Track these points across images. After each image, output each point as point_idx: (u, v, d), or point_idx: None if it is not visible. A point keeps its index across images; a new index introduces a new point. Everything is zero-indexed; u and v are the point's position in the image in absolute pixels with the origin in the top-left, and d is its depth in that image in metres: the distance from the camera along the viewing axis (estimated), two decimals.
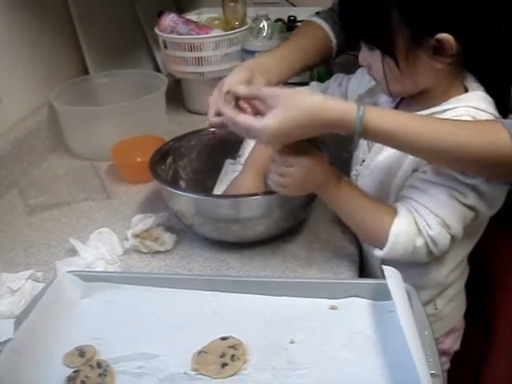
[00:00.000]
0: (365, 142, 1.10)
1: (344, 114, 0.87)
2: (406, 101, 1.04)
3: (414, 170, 0.97)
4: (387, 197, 1.03)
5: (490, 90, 0.98)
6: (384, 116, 0.89)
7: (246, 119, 0.93)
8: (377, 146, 1.04)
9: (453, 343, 1.22)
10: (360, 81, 1.17)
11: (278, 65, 1.17)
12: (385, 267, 0.91)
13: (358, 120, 0.86)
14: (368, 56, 0.99)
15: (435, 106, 0.98)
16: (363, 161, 1.08)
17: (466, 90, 0.99)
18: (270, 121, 0.89)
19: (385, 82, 0.99)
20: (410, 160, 0.97)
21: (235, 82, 1.08)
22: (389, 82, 0.98)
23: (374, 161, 1.04)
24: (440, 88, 0.98)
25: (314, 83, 1.27)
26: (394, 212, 0.96)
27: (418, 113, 0.98)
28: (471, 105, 0.94)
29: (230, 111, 0.95)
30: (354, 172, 1.11)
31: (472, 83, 0.99)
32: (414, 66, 0.94)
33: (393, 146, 0.94)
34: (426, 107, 0.99)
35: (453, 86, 0.98)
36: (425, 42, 0.92)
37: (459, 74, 0.98)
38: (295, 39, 1.25)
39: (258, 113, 0.98)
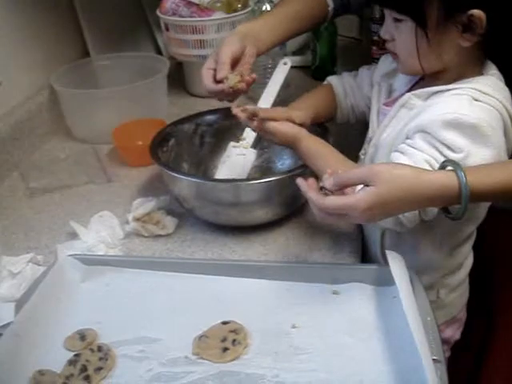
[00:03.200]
0: (374, 120, 1.09)
1: (445, 181, 0.82)
2: (422, 83, 1.03)
3: (407, 138, 0.96)
4: None
5: (509, 80, 0.97)
6: (483, 173, 0.85)
7: (333, 201, 0.83)
8: (383, 123, 1.04)
9: (454, 332, 1.22)
10: (379, 68, 1.15)
11: (270, 32, 1.17)
12: (388, 252, 0.90)
13: (464, 185, 0.81)
14: (392, 28, 0.97)
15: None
16: (370, 140, 1.08)
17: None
18: (364, 196, 0.82)
19: (407, 55, 0.97)
20: (405, 131, 0.96)
21: (230, 52, 1.08)
22: (414, 56, 0.96)
23: (379, 139, 1.04)
24: (457, 69, 0.96)
25: (345, 73, 1.25)
26: None
27: (424, 90, 0.97)
28: (476, 87, 0.92)
29: (315, 196, 0.85)
30: (362, 151, 1.11)
31: (490, 70, 0.97)
32: (442, 41, 0.93)
33: (496, 201, 0.94)
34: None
35: (470, 69, 0.96)
36: (457, 16, 0.90)
37: (479, 59, 0.97)
38: (290, 3, 1.23)
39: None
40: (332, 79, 1.24)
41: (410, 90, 1.03)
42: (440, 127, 0.89)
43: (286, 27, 1.19)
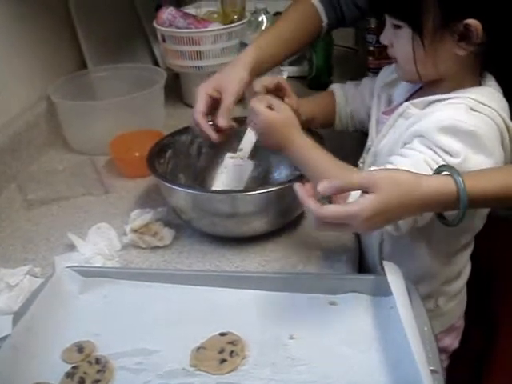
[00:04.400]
0: (373, 129, 1.10)
1: (443, 187, 0.83)
2: (420, 93, 1.03)
3: (405, 144, 0.96)
4: None
5: (508, 92, 0.97)
6: (480, 178, 0.85)
7: (333, 210, 0.81)
8: (382, 133, 1.04)
9: (452, 341, 1.22)
10: (380, 78, 1.16)
11: (270, 58, 1.18)
12: (385, 262, 0.90)
13: (462, 191, 0.82)
14: (391, 34, 0.98)
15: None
16: (369, 148, 1.09)
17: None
18: (366, 204, 0.80)
19: (404, 61, 0.98)
20: (402, 140, 0.97)
21: (236, 94, 1.11)
22: (411, 62, 0.96)
23: (377, 147, 1.05)
24: (455, 79, 0.97)
25: (348, 82, 1.26)
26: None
27: (422, 99, 0.98)
28: (472, 96, 0.93)
29: (312, 204, 0.82)
30: (360, 160, 1.11)
31: (489, 81, 0.98)
32: (439, 49, 0.93)
33: (494, 206, 0.96)
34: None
35: (468, 79, 0.97)
36: (453, 25, 0.91)
37: (477, 69, 0.97)
38: (285, 23, 1.24)
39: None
40: (334, 86, 1.25)
41: (408, 100, 1.04)
42: (436, 132, 0.90)
43: (283, 51, 1.22)
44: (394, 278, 0.88)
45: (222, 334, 0.87)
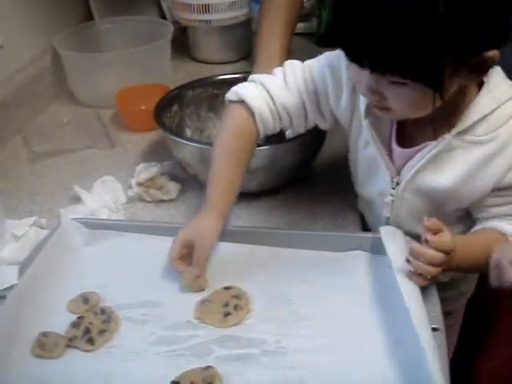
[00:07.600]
0: (387, 161, 0.93)
1: None
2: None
3: (495, 189, 0.86)
4: (441, 216, 0.85)
5: None
6: None
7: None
8: (418, 164, 0.89)
9: None
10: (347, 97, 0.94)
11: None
12: (381, 228, 0.91)
13: None
14: (384, 88, 0.79)
15: (460, 119, 0.84)
16: (397, 184, 0.93)
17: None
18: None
19: (406, 112, 0.83)
20: (486, 180, 0.86)
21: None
22: (417, 111, 0.82)
23: (416, 180, 0.91)
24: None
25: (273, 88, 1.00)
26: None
27: (465, 126, 0.84)
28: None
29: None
30: (386, 199, 0.96)
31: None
32: (450, 87, 0.79)
33: None
34: (446, 125, 0.85)
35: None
36: (471, 61, 0.76)
37: None
38: (281, 16, 1.20)
39: None
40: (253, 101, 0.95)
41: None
42: None
43: (286, 42, 1.19)
44: (390, 239, 0.88)
45: (227, 288, 0.88)
